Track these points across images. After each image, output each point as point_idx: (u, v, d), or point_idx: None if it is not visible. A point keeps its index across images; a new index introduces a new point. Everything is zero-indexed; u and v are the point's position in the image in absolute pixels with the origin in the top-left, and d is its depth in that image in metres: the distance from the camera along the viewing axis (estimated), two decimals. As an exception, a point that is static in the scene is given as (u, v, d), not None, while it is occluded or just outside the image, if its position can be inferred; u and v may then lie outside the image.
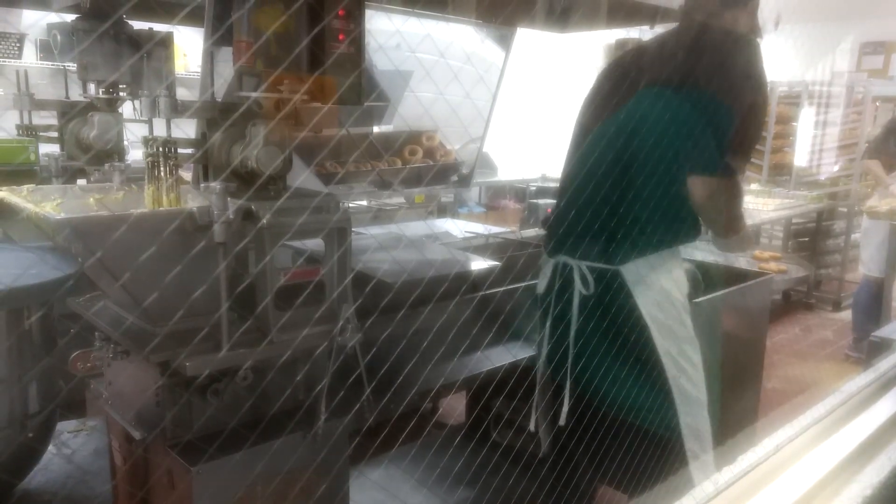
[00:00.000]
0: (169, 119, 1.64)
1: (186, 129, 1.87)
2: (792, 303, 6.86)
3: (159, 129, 1.76)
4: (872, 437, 1.46)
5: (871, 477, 1.35)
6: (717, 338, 2.25)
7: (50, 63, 4.68)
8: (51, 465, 1.53)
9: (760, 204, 6.11)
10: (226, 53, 1.97)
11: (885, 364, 1.80)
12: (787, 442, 1.39)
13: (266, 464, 1.64)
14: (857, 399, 1.59)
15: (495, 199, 7.68)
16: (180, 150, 1.71)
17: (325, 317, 1.71)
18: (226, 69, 1.98)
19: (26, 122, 2.60)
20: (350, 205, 3.73)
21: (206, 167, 1.81)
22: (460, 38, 3.32)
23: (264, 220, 1.60)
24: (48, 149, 2.69)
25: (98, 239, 1.36)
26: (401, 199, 3.88)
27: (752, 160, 7.53)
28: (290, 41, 1.74)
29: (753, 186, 7.04)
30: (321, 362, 1.77)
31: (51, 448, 1.61)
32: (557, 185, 2.33)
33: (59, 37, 4.48)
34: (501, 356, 2.35)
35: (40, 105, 2.58)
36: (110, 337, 1.66)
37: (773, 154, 7.41)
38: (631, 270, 2.05)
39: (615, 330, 2.07)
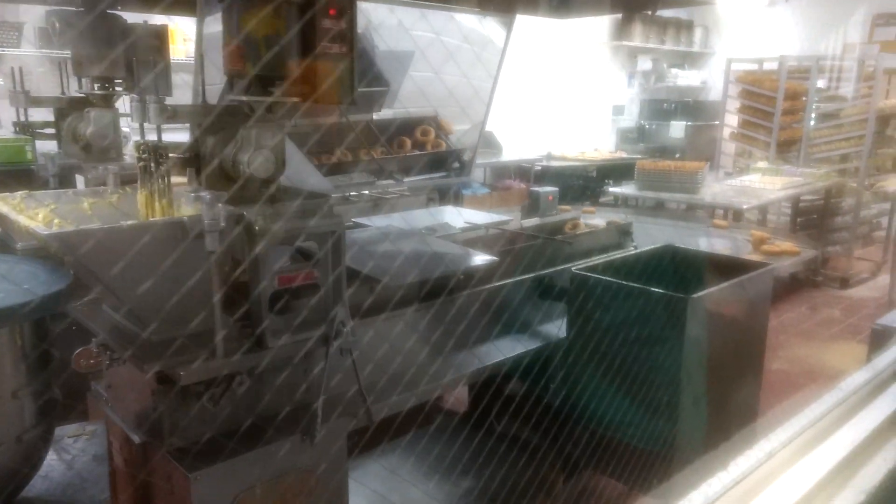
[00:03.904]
0: (158, 125, 1.62)
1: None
2: (799, 281, 6.81)
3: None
4: (868, 439, 1.45)
5: (865, 481, 1.35)
6: (716, 332, 2.24)
7: (49, 51, 4.66)
8: (51, 472, 1.55)
9: (767, 183, 6.04)
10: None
11: (882, 361, 1.78)
12: (781, 447, 1.38)
13: (263, 467, 1.65)
14: (854, 399, 1.58)
15: (500, 180, 7.63)
16: (174, 155, 1.71)
17: (320, 320, 1.71)
18: (220, 71, 1.95)
19: (23, 119, 2.60)
20: (350, 194, 3.72)
21: (199, 171, 1.80)
22: (461, 21, 3.27)
23: (257, 227, 1.60)
24: (49, 145, 2.69)
25: (87, 251, 1.36)
26: (403, 186, 3.85)
27: (761, 136, 7.45)
28: (280, 42, 1.72)
29: (761, 164, 6.97)
30: (316, 365, 1.78)
31: (51, 454, 1.63)
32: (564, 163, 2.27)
33: (57, 24, 4.44)
34: (501, 350, 2.35)
35: (36, 102, 2.57)
36: (107, 343, 1.67)
37: (781, 130, 7.32)
38: None
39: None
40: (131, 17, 2.69)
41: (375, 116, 3.76)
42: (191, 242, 1.54)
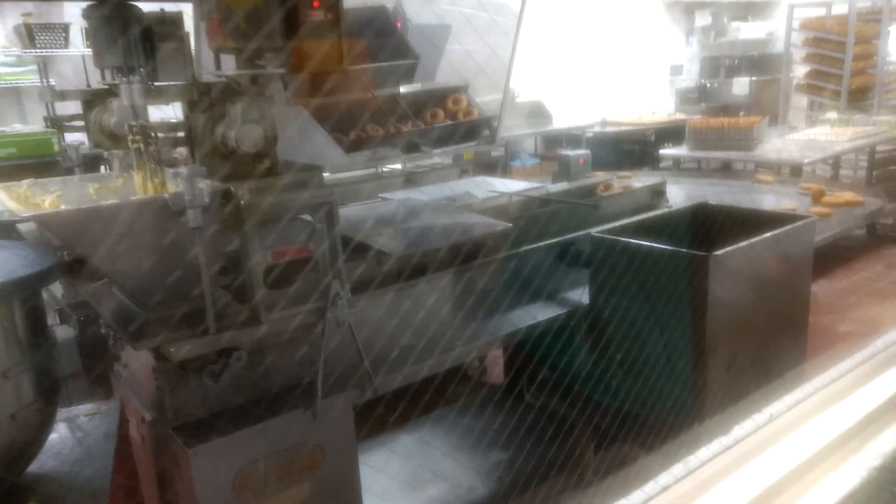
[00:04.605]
0: (143, 105, 1.64)
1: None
2: (877, 237, 6.36)
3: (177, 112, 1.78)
4: (890, 401, 1.32)
5: (883, 445, 1.23)
6: (747, 291, 2.10)
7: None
8: (63, 448, 1.60)
9: (836, 134, 5.64)
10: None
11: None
12: (786, 410, 1.27)
13: (266, 441, 1.66)
14: (881, 358, 1.45)
15: (551, 150, 7.45)
16: (163, 135, 1.72)
17: (315, 293, 1.70)
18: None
19: (52, 114, 2.69)
20: (382, 169, 3.70)
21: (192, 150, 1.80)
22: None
23: (243, 202, 1.59)
24: (80, 138, 2.78)
25: (64, 230, 1.38)
26: (437, 160, 3.81)
27: (830, 86, 6.95)
28: (262, 14, 1.69)
29: (830, 115, 6.53)
30: (315, 339, 1.77)
31: (66, 431, 1.69)
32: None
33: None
34: (512, 321, 2.28)
35: (61, 96, 2.64)
36: (110, 324, 1.70)
37: (853, 77, 6.83)
38: None
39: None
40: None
41: (408, 89, 3.71)
42: (177, 219, 1.55)
